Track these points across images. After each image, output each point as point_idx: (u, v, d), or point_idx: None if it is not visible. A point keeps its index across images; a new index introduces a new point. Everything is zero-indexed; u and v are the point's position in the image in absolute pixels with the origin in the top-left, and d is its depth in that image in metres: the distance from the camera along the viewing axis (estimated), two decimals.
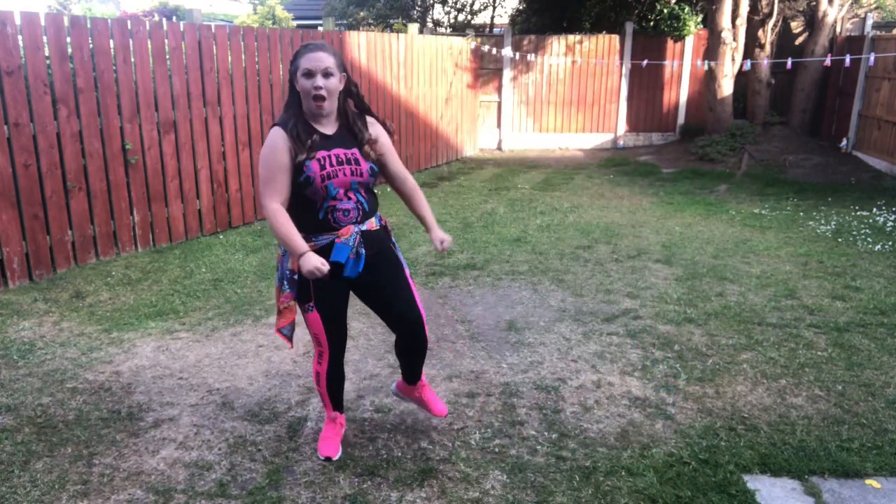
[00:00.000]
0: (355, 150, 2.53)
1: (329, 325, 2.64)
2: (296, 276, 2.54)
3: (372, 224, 2.63)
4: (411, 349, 2.78)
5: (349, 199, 2.52)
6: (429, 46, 9.53)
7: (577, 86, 11.64)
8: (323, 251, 2.51)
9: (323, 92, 2.43)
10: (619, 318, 4.32)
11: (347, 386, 3.44)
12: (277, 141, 2.47)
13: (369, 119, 2.65)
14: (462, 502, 2.57)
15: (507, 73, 11.49)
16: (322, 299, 2.60)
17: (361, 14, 13.78)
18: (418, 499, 2.59)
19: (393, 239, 2.77)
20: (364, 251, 2.56)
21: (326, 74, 2.44)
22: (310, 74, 2.42)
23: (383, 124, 2.69)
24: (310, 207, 2.51)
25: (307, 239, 2.49)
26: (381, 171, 2.67)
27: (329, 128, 2.55)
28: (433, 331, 4.07)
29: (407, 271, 2.74)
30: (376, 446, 2.92)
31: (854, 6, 11.07)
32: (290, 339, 2.68)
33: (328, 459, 2.80)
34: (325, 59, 2.43)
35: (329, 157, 2.48)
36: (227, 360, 3.76)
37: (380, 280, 2.67)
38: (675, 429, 3.05)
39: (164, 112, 5.70)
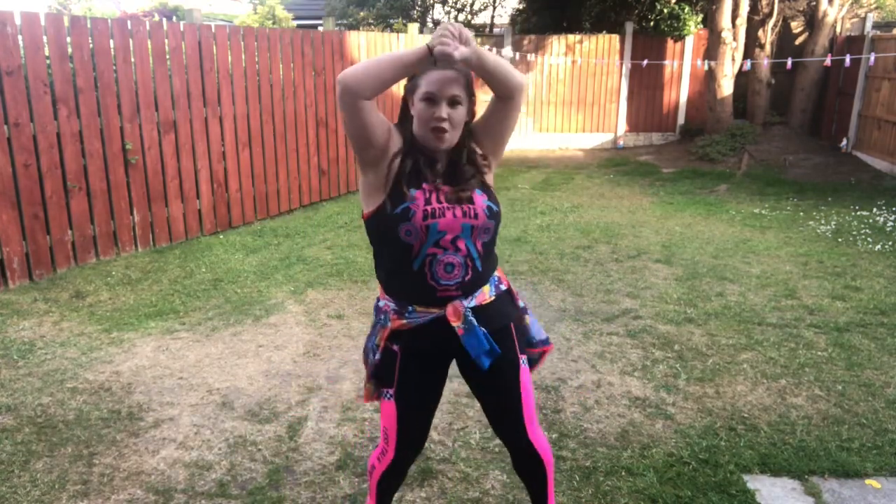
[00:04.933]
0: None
1: (405, 423, 2.04)
2: (378, 355, 2.01)
3: (484, 295, 1.95)
4: (523, 474, 2.19)
5: (457, 249, 1.87)
6: None
7: (577, 86, 11.64)
8: (422, 333, 1.92)
9: (446, 125, 1.84)
10: (619, 318, 4.32)
11: (347, 386, 3.45)
12: (394, 127, 1.96)
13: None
14: (462, 502, 2.57)
15: None
16: (406, 386, 1.99)
17: (361, 14, 13.77)
18: (418, 499, 2.59)
19: (521, 305, 2.10)
20: (483, 330, 1.91)
21: (454, 103, 1.85)
22: (432, 101, 1.84)
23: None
24: (402, 255, 1.88)
25: (398, 313, 1.93)
26: (490, 127, 1.97)
27: (439, 160, 1.94)
28: None
29: (524, 371, 2.03)
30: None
31: (854, 6, 11.07)
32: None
33: None
34: (455, 83, 1.84)
35: (436, 191, 1.88)
36: (227, 360, 3.76)
37: (482, 383, 2.06)
38: (675, 429, 3.05)
39: (164, 112, 5.70)
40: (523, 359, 2.04)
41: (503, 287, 2.03)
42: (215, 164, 6.20)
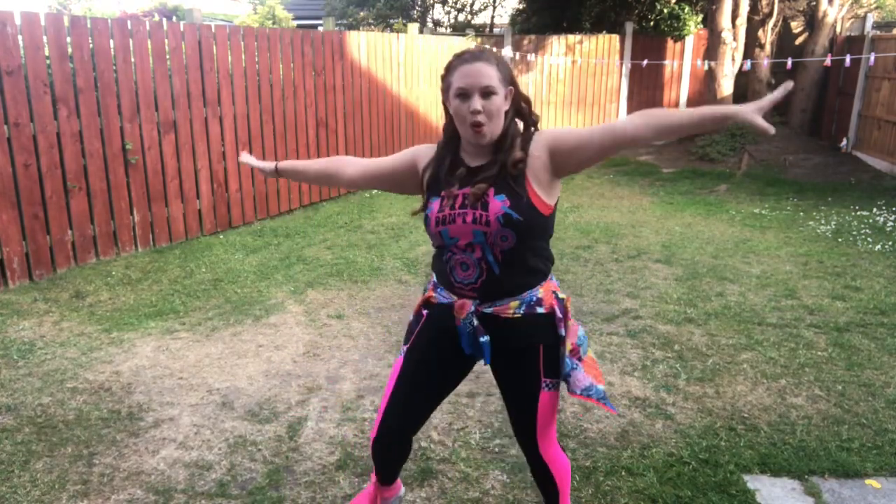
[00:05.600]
0: (492, 190, 1.87)
1: (401, 383, 2.07)
2: (411, 316, 2.13)
3: (508, 308, 1.92)
4: (537, 483, 2.21)
5: (472, 251, 1.90)
6: (429, 46, 9.53)
7: (577, 86, 11.64)
8: (441, 312, 2.00)
9: (482, 118, 1.84)
10: (619, 318, 4.32)
11: (347, 386, 3.45)
12: (421, 147, 2.10)
13: (539, 136, 1.93)
14: (462, 502, 2.57)
15: None
16: (415, 350, 2.07)
17: (361, 14, 13.78)
18: (418, 499, 2.59)
19: (562, 334, 1.98)
20: (487, 338, 1.92)
21: (486, 94, 1.84)
22: (465, 95, 1.85)
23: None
24: (436, 247, 2.05)
25: (434, 286, 2.06)
26: (573, 165, 1.91)
27: (480, 158, 1.95)
28: None
29: (545, 395, 2.01)
30: None
31: (854, 6, 11.07)
32: None
33: None
34: (485, 74, 1.83)
35: (457, 196, 1.90)
36: (227, 360, 3.76)
37: (501, 387, 2.11)
38: (675, 429, 3.05)
39: (164, 112, 5.70)
40: (547, 382, 1.99)
41: (540, 310, 1.94)
42: (215, 164, 6.20)
